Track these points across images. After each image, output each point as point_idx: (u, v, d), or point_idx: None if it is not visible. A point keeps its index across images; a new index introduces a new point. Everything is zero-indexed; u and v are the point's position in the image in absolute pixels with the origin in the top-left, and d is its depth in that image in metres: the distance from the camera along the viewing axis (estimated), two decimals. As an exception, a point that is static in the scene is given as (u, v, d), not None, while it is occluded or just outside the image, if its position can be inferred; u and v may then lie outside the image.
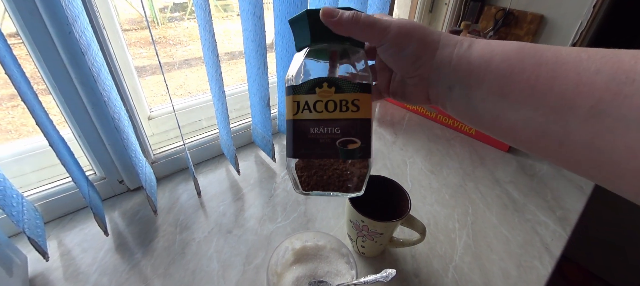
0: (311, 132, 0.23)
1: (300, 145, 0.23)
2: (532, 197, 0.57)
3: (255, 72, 0.53)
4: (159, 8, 3.25)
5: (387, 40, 0.22)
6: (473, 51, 0.21)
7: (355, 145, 0.23)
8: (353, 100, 0.22)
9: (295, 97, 0.23)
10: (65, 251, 0.45)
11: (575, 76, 0.16)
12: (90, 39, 0.35)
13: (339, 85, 0.22)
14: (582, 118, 0.16)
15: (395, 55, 0.23)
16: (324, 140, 0.22)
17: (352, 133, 0.22)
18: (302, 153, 0.23)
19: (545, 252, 0.47)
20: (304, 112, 0.23)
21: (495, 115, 0.20)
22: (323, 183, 0.24)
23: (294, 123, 0.23)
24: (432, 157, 0.67)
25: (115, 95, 0.41)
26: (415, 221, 0.40)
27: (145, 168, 0.48)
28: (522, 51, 0.19)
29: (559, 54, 0.18)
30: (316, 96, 0.23)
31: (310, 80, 0.23)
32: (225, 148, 0.61)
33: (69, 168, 0.38)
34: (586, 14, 0.91)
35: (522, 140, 0.20)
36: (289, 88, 0.23)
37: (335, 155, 0.22)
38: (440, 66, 0.22)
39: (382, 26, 0.22)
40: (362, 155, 0.23)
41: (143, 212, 0.50)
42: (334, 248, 0.40)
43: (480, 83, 0.20)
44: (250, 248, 0.45)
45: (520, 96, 0.18)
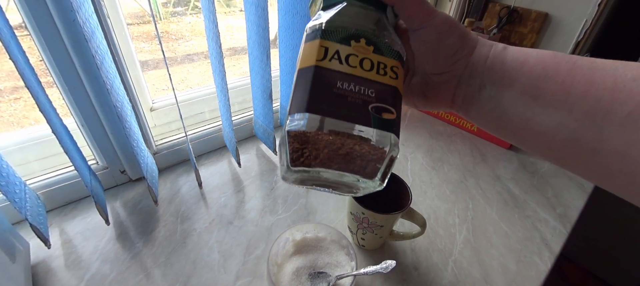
0: (338, 86, 0.17)
1: (321, 98, 0.17)
2: (532, 194, 0.57)
3: (258, 65, 0.53)
4: (161, 3, 3.25)
5: (432, 24, 0.20)
6: (508, 53, 0.20)
7: (392, 115, 0.18)
8: (392, 66, 0.19)
9: (323, 42, 0.18)
10: (67, 239, 0.45)
11: (611, 82, 0.16)
12: (94, 27, 0.35)
13: (379, 45, 0.19)
14: (617, 126, 0.16)
15: (435, 43, 0.21)
16: (353, 99, 0.17)
17: (389, 101, 0.18)
18: (320, 108, 0.17)
19: (544, 248, 0.47)
20: (333, 61, 0.18)
21: (526, 118, 0.19)
22: (339, 158, 0.17)
23: (316, 69, 0.17)
24: (434, 153, 0.67)
25: (119, 84, 0.41)
26: (416, 214, 0.40)
27: (147, 159, 0.48)
28: (557, 56, 0.19)
29: (594, 61, 0.17)
30: (351, 49, 0.18)
31: (345, 28, 0.19)
32: (227, 140, 0.61)
33: (72, 157, 0.38)
34: (591, 13, 0.91)
35: (553, 147, 0.19)
36: (316, 31, 0.19)
37: (366, 121, 0.17)
38: (475, 64, 0.21)
39: (430, 7, 0.20)
40: (395, 130, 0.18)
41: (144, 202, 0.51)
42: (334, 239, 0.40)
43: (512, 83, 0.19)
44: (250, 239, 0.46)
45: (554, 99, 0.18)
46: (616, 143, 0.16)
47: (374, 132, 0.17)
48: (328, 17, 0.19)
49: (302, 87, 0.17)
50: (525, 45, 1.02)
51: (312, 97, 0.17)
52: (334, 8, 0.20)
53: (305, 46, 0.19)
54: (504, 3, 1.04)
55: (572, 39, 0.96)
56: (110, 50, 0.41)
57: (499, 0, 1.05)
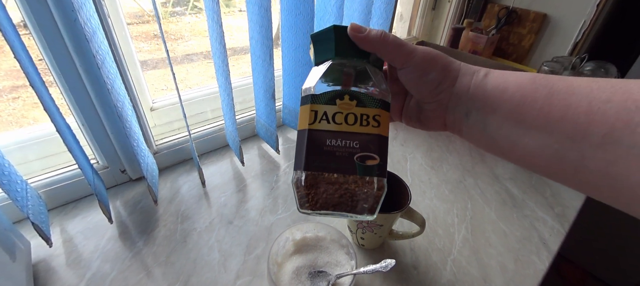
0: (327, 144, 0.21)
1: (314, 157, 0.21)
2: (531, 194, 0.58)
3: (261, 65, 0.53)
4: (160, 2, 3.24)
5: (412, 63, 0.23)
6: (489, 81, 0.22)
7: (374, 161, 0.21)
8: (374, 115, 0.22)
9: (313, 106, 0.22)
10: (68, 238, 0.45)
11: (586, 105, 0.17)
12: (95, 27, 0.36)
13: (361, 99, 0.22)
14: (595, 146, 0.16)
15: (418, 79, 0.23)
16: (340, 153, 0.21)
17: (372, 149, 0.21)
18: (315, 165, 0.21)
19: (543, 247, 0.48)
20: (322, 122, 0.21)
21: (512, 141, 0.20)
22: (334, 202, 0.21)
23: (309, 133, 0.21)
24: (432, 153, 0.67)
25: (119, 83, 0.41)
26: (415, 214, 0.40)
27: (147, 158, 0.49)
28: (535, 81, 0.20)
29: (570, 83, 0.18)
30: (336, 107, 0.22)
31: (331, 91, 0.22)
32: (230, 139, 0.61)
33: (76, 156, 0.38)
34: (589, 13, 0.91)
35: (539, 165, 0.20)
36: (307, 97, 0.22)
37: (352, 170, 0.21)
38: (459, 93, 0.22)
39: (409, 49, 0.23)
40: (379, 173, 0.21)
41: (145, 201, 0.51)
42: (334, 239, 0.40)
43: (495, 110, 0.21)
44: (251, 239, 0.46)
45: (535, 123, 0.19)
46: (596, 162, 0.17)
47: (360, 179, 0.21)
48: (316, 81, 0.23)
49: (300, 147, 0.22)
50: (524, 47, 1.03)
51: (307, 157, 0.21)
52: (322, 67, 0.24)
53: (301, 109, 0.23)
54: (503, 4, 1.04)
55: (571, 39, 0.96)
56: (111, 50, 0.41)
57: (498, 1, 1.06)
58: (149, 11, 3.07)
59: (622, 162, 0.16)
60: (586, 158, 0.17)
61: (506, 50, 1.06)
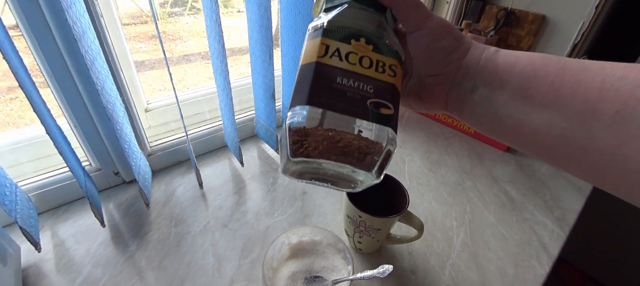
0: (338, 82, 0.18)
1: (321, 92, 0.18)
2: (530, 197, 0.57)
3: (260, 64, 0.53)
4: (159, 3, 3.23)
5: (427, 26, 0.21)
6: (499, 55, 0.21)
7: (389, 110, 0.18)
8: (391, 64, 0.20)
9: (324, 40, 0.19)
10: (59, 242, 0.44)
11: (599, 82, 0.16)
12: (85, 27, 0.35)
13: (378, 45, 0.20)
14: (606, 124, 0.16)
15: (430, 45, 0.22)
16: (352, 94, 0.18)
17: (387, 97, 0.19)
18: (321, 101, 0.17)
19: (542, 252, 0.47)
20: (333, 58, 0.19)
21: (518, 119, 0.20)
22: (338, 150, 0.18)
23: (317, 65, 0.18)
24: (431, 155, 0.67)
25: (111, 84, 0.40)
26: (413, 218, 0.39)
27: (139, 161, 0.48)
28: (546, 57, 0.19)
29: (582, 62, 0.18)
30: (351, 46, 0.19)
31: (346, 28, 0.19)
32: (229, 140, 0.60)
33: (67, 158, 0.38)
34: (588, 15, 0.91)
35: (545, 146, 0.19)
36: (318, 30, 0.20)
37: (364, 115, 0.18)
38: (468, 65, 0.22)
39: (427, 11, 0.22)
40: (393, 126, 0.19)
41: (138, 204, 0.50)
42: (330, 243, 0.40)
43: (504, 85, 0.20)
44: (246, 242, 0.45)
45: (544, 99, 0.18)
46: (605, 141, 0.16)
47: (372, 126, 0.18)
48: (330, 17, 0.20)
49: (303, 81, 0.18)
50: (522, 48, 1.02)
51: (313, 91, 0.18)
52: (336, 9, 0.21)
53: (308, 44, 0.20)
54: (501, 5, 1.04)
55: (569, 41, 0.96)
56: (103, 50, 0.41)
57: (496, 2, 1.06)
58: (146, 12, 3.06)
59: (633, 141, 0.15)
60: (595, 138, 0.16)
61: (505, 51, 1.06)
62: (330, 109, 0.17)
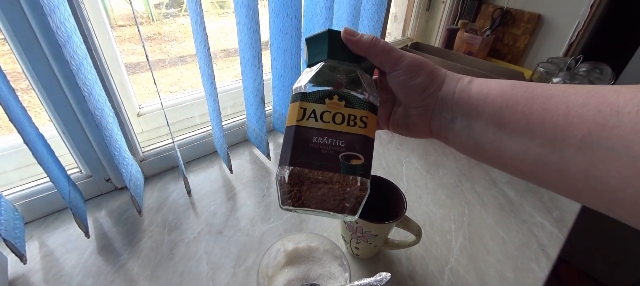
0: (314, 141, 0.21)
1: (300, 153, 0.21)
2: (528, 198, 0.57)
3: (250, 68, 0.52)
4: (154, 4, 3.21)
5: (401, 67, 0.23)
6: (472, 86, 0.22)
7: (359, 161, 0.21)
8: (361, 116, 0.22)
9: (302, 104, 0.22)
10: (48, 252, 0.43)
11: (564, 109, 0.17)
12: (71, 31, 0.34)
13: (350, 100, 0.22)
14: (575, 149, 0.17)
15: (406, 83, 0.24)
16: (326, 151, 0.21)
17: (357, 149, 0.21)
18: (300, 161, 0.21)
19: (541, 254, 0.46)
20: (310, 119, 0.22)
21: (496, 145, 0.21)
22: (317, 199, 0.21)
23: (296, 129, 0.22)
24: (428, 157, 0.66)
25: (99, 90, 0.39)
26: (411, 223, 0.39)
27: (131, 167, 0.46)
28: (515, 87, 0.20)
29: (548, 89, 0.19)
30: (325, 106, 0.22)
31: (321, 90, 0.22)
32: (218, 146, 0.59)
33: (47, 168, 0.36)
34: (583, 14, 0.91)
35: (524, 170, 0.20)
36: (297, 95, 0.23)
37: (336, 168, 0.21)
38: (444, 98, 0.23)
39: (398, 53, 0.24)
40: (363, 173, 0.21)
41: (130, 211, 0.49)
42: (327, 249, 0.39)
43: (479, 115, 0.21)
44: (241, 250, 0.44)
45: (517, 127, 0.19)
46: (577, 164, 0.17)
47: (344, 178, 0.21)
48: (307, 80, 0.23)
49: (286, 143, 0.22)
50: (518, 47, 1.02)
51: (293, 153, 0.21)
52: (314, 68, 0.24)
53: (290, 106, 0.23)
54: (497, 4, 1.04)
55: (565, 40, 0.96)
56: (91, 55, 0.39)
57: (492, 1, 1.05)
58: (142, 13, 3.04)
59: (600, 164, 0.16)
60: (567, 161, 0.17)
61: (501, 51, 1.06)
62: (308, 167, 0.21)
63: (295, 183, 0.21)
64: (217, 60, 2.46)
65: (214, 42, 2.80)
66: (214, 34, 3.01)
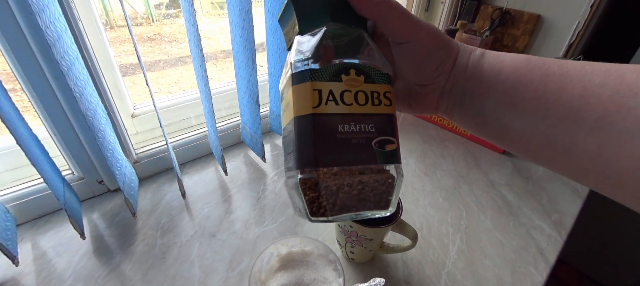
0: (340, 131, 0.17)
1: (327, 149, 0.17)
2: (527, 200, 0.56)
3: (244, 69, 0.51)
4: (154, 4, 3.20)
5: (417, 37, 0.20)
6: (485, 62, 0.21)
7: (393, 145, 0.18)
8: (385, 92, 0.19)
9: (315, 84, 0.17)
10: (39, 254, 0.42)
11: (580, 88, 0.17)
12: (61, 31, 0.33)
13: (369, 74, 0.18)
14: (588, 129, 0.16)
15: (420, 57, 0.21)
16: (357, 140, 0.17)
17: (388, 132, 0.18)
18: (329, 159, 0.17)
19: (540, 258, 0.46)
20: (329, 104, 0.17)
21: (504, 124, 0.20)
22: (355, 200, 0.17)
23: (315, 118, 0.17)
24: (426, 159, 0.65)
25: (91, 90, 0.39)
26: (407, 227, 0.38)
27: (124, 169, 0.46)
28: (530, 63, 0.19)
29: (564, 66, 0.18)
30: (343, 85, 0.18)
31: (334, 65, 0.18)
32: (213, 148, 0.58)
33: (42, 169, 0.36)
34: (583, 14, 0.90)
35: (530, 150, 0.20)
36: (305, 72, 0.17)
37: (371, 159, 0.17)
38: (456, 75, 0.21)
39: (415, 20, 0.20)
40: (399, 158, 0.18)
41: (123, 213, 0.48)
42: (321, 254, 0.38)
43: (490, 93, 0.20)
44: (234, 253, 0.43)
45: (529, 106, 0.18)
46: (587, 145, 0.17)
47: (382, 168, 0.18)
48: (312, 51, 0.18)
49: (305, 138, 0.17)
50: (518, 48, 1.02)
51: (319, 150, 0.17)
52: (314, 34, 0.19)
53: (296, 89, 0.18)
54: (497, 5, 1.03)
55: (565, 40, 0.95)
56: (83, 54, 0.39)
57: (491, 2, 1.05)
58: (142, 13, 3.03)
59: (612, 146, 0.16)
60: (577, 142, 0.17)
61: (500, 51, 1.05)
62: (340, 164, 0.17)
63: (326, 188, 0.17)
64: (217, 61, 2.44)
65: (214, 42, 2.78)
66: (215, 35, 2.99)
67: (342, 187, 0.17)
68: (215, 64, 2.33)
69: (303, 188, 0.17)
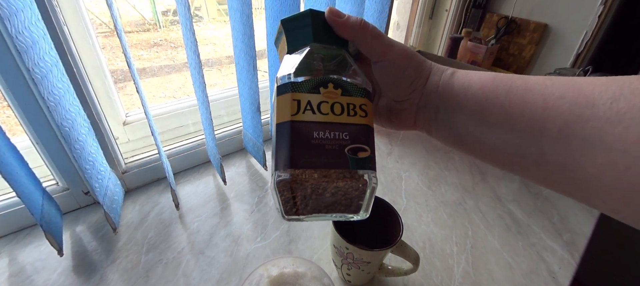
0: (315, 137, 0.19)
1: (301, 152, 0.18)
2: (536, 218, 0.53)
3: (245, 75, 0.49)
4: (161, 11, 3.23)
5: (390, 57, 0.22)
6: (455, 80, 0.22)
7: (366, 153, 0.19)
8: (361, 104, 0.20)
9: (295, 95, 0.19)
10: (17, 270, 0.40)
11: (542, 101, 0.18)
12: (38, 37, 0.31)
13: (346, 87, 0.20)
14: (553, 140, 0.17)
15: (394, 74, 0.23)
16: (330, 146, 0.19)
17: (362, 140, 0.19)
18: (303, 162, 0.18)
19: (552, 283, 0.42)
20: (307, 112, 0.19)
21: (477, 137, 0.21)
22: (326, 203, 0.19)
23: (292, 124, 0.19)
24: (430, 171, 0.62)
25: (71, 99, 0.36)
26: (408, 249, 0.35)
27: (107, 181, 0.43)
28: (496, 80, 0.20)
29: (527, 82, 0.19)
30: (321, 96, 0.20)
31: (313, 78, 0.20)
32: (211, 156, 0.56)
33: (17, 182, 0.33)
34: (591, 24, 0.87)
35: (504, 161, 0.20)
36: (287, 85, 0.20)
37: (344, 164, 0.19)
38: (429, 92, 0.23)
39: (388, 41, 0.22)
40: (371, 166, 0.19)
41: (108, 227, 0.46)
42: (315, 276, 0.35)
43: (461, 108, 0.21)
44: (222, 273, 0.40)
45: (497, 120, 0.20)
46: (554, 155, 0.17)
47: (354, 173, 0.19)
48: (295, 68, 0.20)
49: (282, 142, 0.19)
50: (524, 57, 0.99)
51: (293, 153, 0.18)
52: (300, 53, 0.21)
53: (279, 99, 0.20)
54: (502, 13, 1.01)
55: (573, 50, 0.92)
56: (66, 61, 0.37)
57: (497, 11, 1.03)
58: (149, 20, 3.06)
59: (577, 155, 0.16)
60: (545, 153, 0.18)
61: (506, 60, 1.02)
62: (312, 167, 0.18)
63: (299, 189, 0.18)
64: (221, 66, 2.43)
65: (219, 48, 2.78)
66: (220, 41, 2.99)
67: (316, 190, 0.19)
68: (220, 70, 2.33)
69: (279, 189, 0.18)
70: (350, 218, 0.21)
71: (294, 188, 0.18)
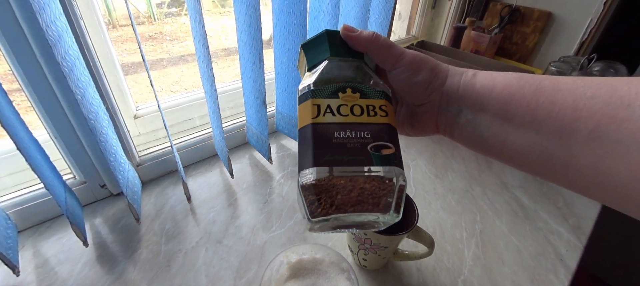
0: (336, 136, 0.19)
1: (323, 151, 0.18)
2: (543, 203, 0.54)
3: (250, 68, 0.49)
4: (156, 3, 3.19)
5: (402, 64, 0.23)
6: (477, 80, 0.22)
7: (390, 150, 0.19)
8: (380, 105, 0.21)
9: (315, 101, 0.20)
10: (41, 262, 0.41)
11: (572, 101, 0.17)
12: (62, 30, 0.31)
13: (364, 91, 0.21)
14: (583, 142, 0.16)
15: (409, 80, 0.23)
16: (352, 144, 0.19)
17: (385, 138, 0.19)
18: (325, 159, 0.18)
19: (560, 264, 0.44)
20: (327, 115, 0.20)
21: (502, 139, 0.20)
22: (353, 201, 0.18)
23: (313, 127, 0.19)
24: (437, 160, 0.64)
25: (93, 92, 0.37)
26: (423, 234, 0.36)
27: (127, 173, 0.44)
28: (522, 79, 0.20)
29: (556, 82, 0.18)
30: (340, 100, 0.20)
31: (331, 85, 0.21)
32: (218, 149, 0.57)
33: (42, 174, 0.34)
34: (596, 12, 0.88)
35: (530, 163, 0.20)
36: (307, 93, 0.21)
37: (368, 161, 0.18)
38: (449, 93, 0.23)
39: (399, 50, 0.23)
40: (397, 163, 0.19)
41: (126, 219, 0.47)
42: (333, 262, 0.37)
43: (485, 108, 0.21)
44: (242, 260, 0.42)
45: (523, 120, 0.19)
46: (585, 158, 0.16)
47: (379, 169, 0.18)
48: (314, 78, 0.21)
49: (305, 144, 0.19)
50: (528, 46, 0.99)
51: (316, 152, 0.18)
52: (319, 67, 0.23)
53: (300, 107, 0.21)
54: (506, 2, 1.01)
55: (577, 38, 0.93)
56: (84, 55, 0.37)
57: (501, -1, 1.02)
58: (144, 12, 3.02)
59: (609, 158, 0.15)
60: (575, 155, 0.17)
61: (509, 49, 1.03)
62: (336, 165, 0.18)
63: (324, 188, 0.18)
64: (217, 59, 2.40)
65: (215, 41, 2.74)
66: (216, 33, 2.94)
67: (341, 190, 0.18)
68: (217, 62, 2.32)
69: (303, 189, 0.18)
70: (381, 220, 0.19)
71: (320, 188, 0.18)
